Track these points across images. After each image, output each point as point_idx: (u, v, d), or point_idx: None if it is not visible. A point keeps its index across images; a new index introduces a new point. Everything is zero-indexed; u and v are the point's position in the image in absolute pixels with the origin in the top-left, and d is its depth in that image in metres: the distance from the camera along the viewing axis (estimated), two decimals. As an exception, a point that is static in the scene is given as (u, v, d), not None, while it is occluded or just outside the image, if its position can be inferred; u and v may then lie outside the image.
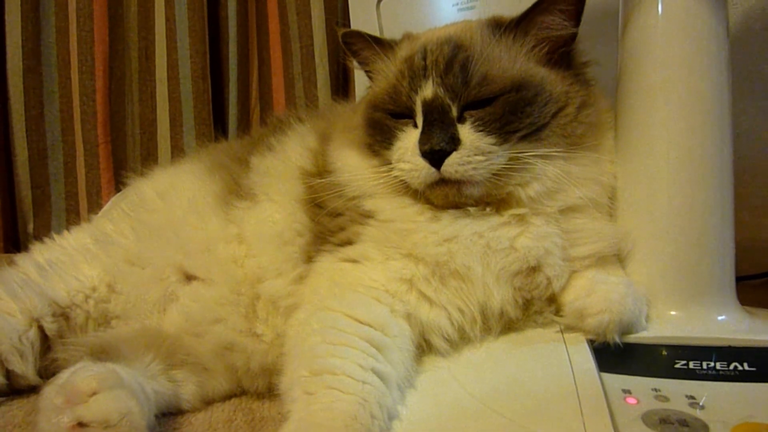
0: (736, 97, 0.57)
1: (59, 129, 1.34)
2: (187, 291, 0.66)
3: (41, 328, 0.66)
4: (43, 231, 1.17)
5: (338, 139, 0.65)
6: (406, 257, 0.56)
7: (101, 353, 0.58)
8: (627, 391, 0.47)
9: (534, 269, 0.55)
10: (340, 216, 0.60)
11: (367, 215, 0.58)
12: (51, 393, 0.49)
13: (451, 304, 0.55)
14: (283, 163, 0.69)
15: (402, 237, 0.56)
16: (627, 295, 0.53)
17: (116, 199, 0.96)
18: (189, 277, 0.67)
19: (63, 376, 0.51)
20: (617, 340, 0.52)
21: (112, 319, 0.69)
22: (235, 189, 0.69)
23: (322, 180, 0.62)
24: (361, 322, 0.52)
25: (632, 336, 0.53)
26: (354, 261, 0.58)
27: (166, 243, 0.69)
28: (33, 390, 0.64)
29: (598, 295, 0.53)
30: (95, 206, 1.28)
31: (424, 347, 0.56)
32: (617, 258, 0.59)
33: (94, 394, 0.48)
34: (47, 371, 0.65)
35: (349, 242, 0.59)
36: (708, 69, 0.57)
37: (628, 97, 0.60)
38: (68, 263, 0.70)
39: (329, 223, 0.61)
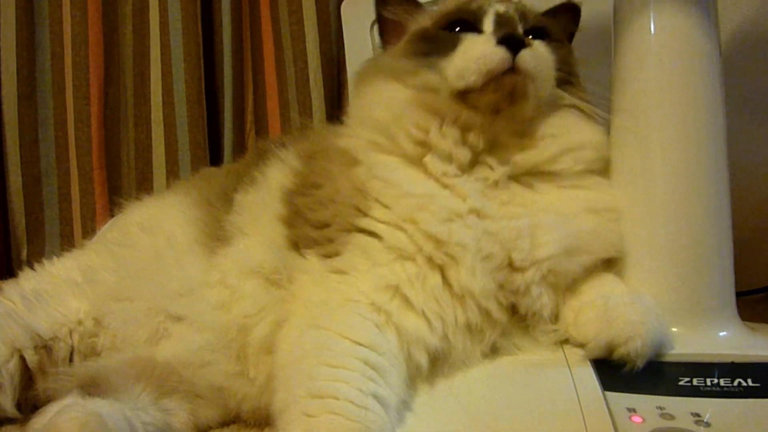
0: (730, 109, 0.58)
1: (54, 155, 1.33)
2: (177, 330, 0.64)
3: (23, 359, 0.65)
4: (37, 257, 1.16)
5: (365, 83, 0.66)
6: (396, 256, 0.55)
7: (91, 385, 0.57)
8: (632, 410, 0.46)
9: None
10: (327, 227, 0.58)
11: (363, 212, 0.57)
12: None
13: (428, 308, 0.53)
14: (265, 192, 0.67)
15: (410, 212, 0.55)
16: (648, 313, 0.52)
17: (107, 226, 0.95)
18: (176, 318, 0.65)
19: (49, 414, 0.50)
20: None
21: (102, 351, 0.67)
22: (217, 231, 0.67)
23: (308, 193, 0.60)
24: (354, 342, 0.51)
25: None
26: (341, 272, 0.56)
27: (149, 282, 0.67)
28: (9, 422, 0.63)
29: (619, 322, 0.51)
30: (90, 232, 1.27)
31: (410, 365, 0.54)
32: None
33: None
34: (34, 401, 0.64)
35: (336, 253, 0.57)
36: (702, 87, 0.58)
37: (623, 115, 0.61)
38: (54, 295, 0.69)
39: (315, 234, 0.59)
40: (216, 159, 1.36)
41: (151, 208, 0.76)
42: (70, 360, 0.67)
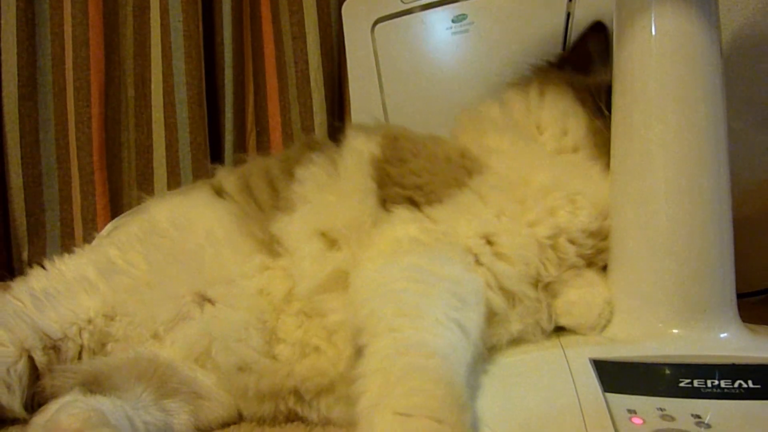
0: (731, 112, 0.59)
1: (54, 156, 1.33)
2: (208, 310, 0.65)
3: (31, 359, 0.65)
4: (37, 258, 1.16)
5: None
6: (497, 213, 0.59)
7: (93, 383, 0.57)
8: (632, 411, 0.46)
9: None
10: (427, 185, 0.62)
11: (476, 170, 0.61)
12: (35, 430, 0.48)
13: (518, 256, 0.57)
14: (347, 159, 0.69)
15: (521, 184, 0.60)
16: None
17: (119, 222, 0.94)
18: (208, 300, 0.66)
19: (50, 411, 0.50)
20: None
21: (108, 343, 0.67)
22: (265, 212, 0.69)
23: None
24: (443, 275, 0.53)
25: (635, 355, 0.53)
26: (435, 220, 0.59)
27: (184, 269, 0.67)
28: (16, 422, 0.63)
29: None
30: (91, 233, 1.28)
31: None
32: None
33: None
34: (36, 398, 0.64)
35: (437, 201, 0.60)
36: (703, 88, 0.58)
37: (624, 116, 0.61)
38: (65, 293, 0.69)
39: (410, 192, 0.62)
40: (217, 160, 1.36)
41: (181, 204, 0.75)
42: (79, 358, 0.67)
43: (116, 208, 1.33)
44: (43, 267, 0.74)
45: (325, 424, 0.62)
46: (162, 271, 0.68)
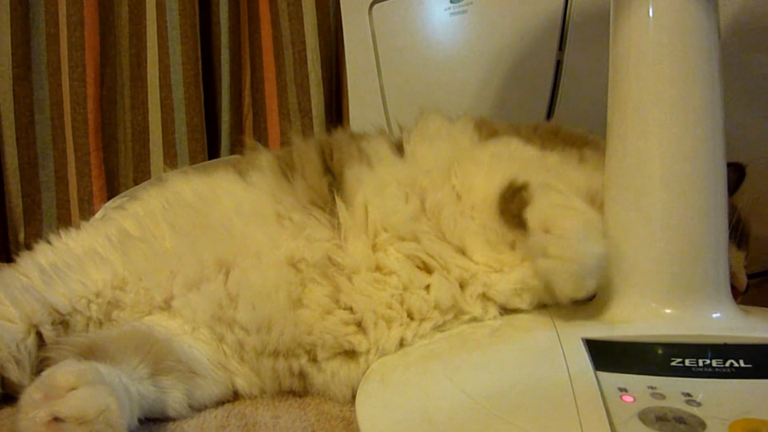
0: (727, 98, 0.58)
1: (50, 137, 1.33)
2: (234, 275, 0.65)
3: (39, 335, 0.65)
4: (34, 240, 1.16)
5: None
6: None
7: (89, 353, 0.57)
8: (623, 390, 0.47)
9: None
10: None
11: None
12: (32, 389, 0.48)
13: None
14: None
15: None
16: None
17: (114, 203, 0.94)
18: (235, 268, 0.66)
19: (45, 373, 0.50)
20: None
21: (114, 311, 0.67)
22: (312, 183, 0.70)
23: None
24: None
25: (628, 335, 0.53)
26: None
27: (211, 239, 0.67)
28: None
29: None
30: (87, 214, 1.28)
31: None
32: None
33: (73, 389, 0.46)
34: (36, 371, 0.64)
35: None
36: (700, 69, 0.57)
37: (620, 98, 0.60)
38: (75, 267, 0.68)
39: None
40: (213, 141, 1.36)
41: (205, 181, 0.75)
42: (86, 331, 0.67)
43: (113, 189, 1.33)
44: (48, 242, 0.74)
45: (320, 394, 0.64)
46: (187, 240, 0.68)
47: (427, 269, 0.65)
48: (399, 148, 0.73)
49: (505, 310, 0.64)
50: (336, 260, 0.65)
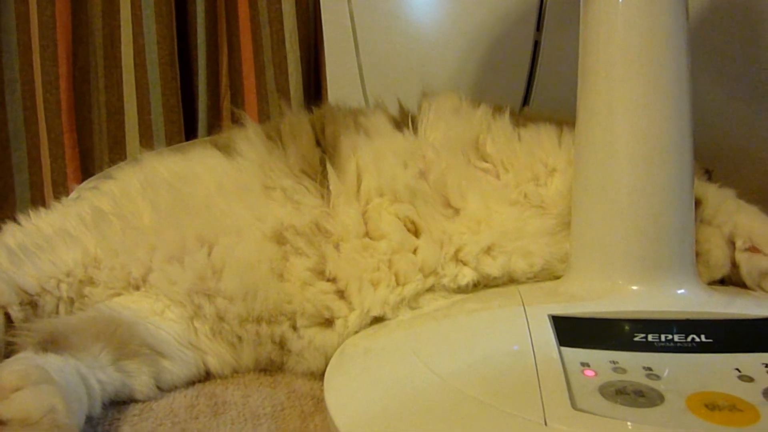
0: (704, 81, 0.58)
1: (21, 118, 1.30)
2: (217, 248, 0.65)
3: (7, 316, 0.64)
4: (7, 222, 1.14)
5: None
6: None
7: (49, 341, 0.56)
8: (585, 364, 0.47)
9: None
10: None
11: None
12: None
13: None
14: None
15: None
16: None
17: (88, 185, 0.93)
18: (217, 244, 0.65)
19: None
20: None
21: (86, 287, 0.67)
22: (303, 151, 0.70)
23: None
24: None
25: (594, 311, 0.54)
26: None
27: (192, 216, 0.67)
28: None
29: None
30: (62, 196, 1.25)
31: None
32: None
33: (17, 390, 0.46)
34: (5, 354, 0.63)
35: None
36: (668, 49, 0.57)
37: (589, 77, 0.60)
38: (45, 247, 0.67)
39: None
40: (191, 122, 1.34)
41: (183, 160, 0.75)
42: (57, 312, 0.67)
43: (87, 171, 1.30)
44: (18, 223, 0.73)
45: (294, 365, 0.65)
46: (167, 217, 0.67)
47: (416, 232, 0.65)
48: (398, 124, 0.73)
49: (481, 278, 0.65)
50: (324, 227, 0.65)
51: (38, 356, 0.53)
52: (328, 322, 0.64)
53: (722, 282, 0.63)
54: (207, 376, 0.66)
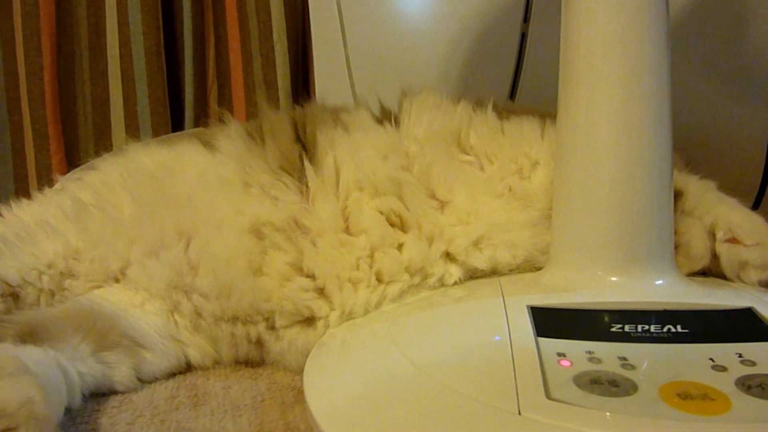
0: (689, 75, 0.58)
1: (5, 108, 1.29)
2: (195, 243, 0.64)
3: None
4: (-9, 214, 1.13)
5: None
6: None
7: (29, 333, 0.56)
8: (561, 355, 0.47)
9: None
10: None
11: None
12: None
13: None
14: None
15: None
16: None
17: (72, 176, 0.93)
18: (195, 237, 0.65)
19: None
20: None
21: (66, 279, 0.67)
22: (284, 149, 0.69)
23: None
24: None
25: (572, 302, 0.54)
26: None
27: (173, 208, 0.66)
28: None
29: None
30: (46, 188, 1.24)
31: None
32: None
33: None
34: None
35: None
36: (647, 42, 0.57)
37: (570, 70, 0.60)
38: (26, 238, 0.67)
39: None
40: (177, 114, 1.33)
41: (168, 151, 0.74)
42: (38, 303, 0.66)
43: (72, 162, 1.29)
44: None
45: (276, 363, 0.64)
46: (147, 209, 0.67)
47: (403, 227, 0.64)
48: (380, 121, 0.72)
49: (467, 273, 0.64)
50: (302, 222, 0.64)
51: (17, 348, 0.52)
52: (309, 321, 0.63)
53: (703, 273, 0.64)
54: (188, 368, 0.65)
